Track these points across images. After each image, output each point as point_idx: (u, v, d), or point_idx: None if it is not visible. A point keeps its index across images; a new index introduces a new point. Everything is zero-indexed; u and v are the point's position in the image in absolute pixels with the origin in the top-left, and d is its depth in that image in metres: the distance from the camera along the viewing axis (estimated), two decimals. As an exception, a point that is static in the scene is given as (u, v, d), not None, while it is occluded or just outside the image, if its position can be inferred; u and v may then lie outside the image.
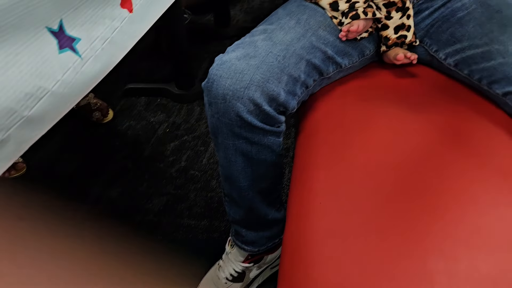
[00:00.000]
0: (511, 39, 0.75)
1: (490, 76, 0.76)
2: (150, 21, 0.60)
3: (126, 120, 1.63)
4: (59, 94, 0.41)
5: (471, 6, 0.84)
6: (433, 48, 0.87)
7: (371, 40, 0.88)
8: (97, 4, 0.51)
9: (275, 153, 0.83)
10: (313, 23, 0.82)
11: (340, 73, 0.87)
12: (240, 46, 0.76)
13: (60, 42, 0.44)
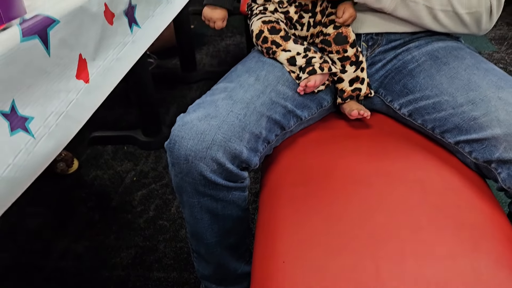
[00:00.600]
0: (459, 91, 0.79)
1: (442, 126, 0.80)
2: (107, 90, 0.61)
3: (93, 170, 1.60)
4: (10, 179, 0.41)
5: (420, 58, 0.88)
6: (388, 98, 0.91)
7: (328, 92, 0.91)
8: (51, 78, 0.52)
9: (241, 207, 0.83)
10: (272, 79, 0.84)
11: (301, 125, 0.89)
12: (201, 106, 0.77)
13: (11, 124, 0.44)
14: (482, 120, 0.74)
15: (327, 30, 0.89)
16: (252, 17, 0.92)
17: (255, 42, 0.89)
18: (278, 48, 0.86)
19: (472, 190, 0.75)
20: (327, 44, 0.88)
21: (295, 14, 0.88)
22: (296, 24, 0.90)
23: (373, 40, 0.92)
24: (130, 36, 0.72)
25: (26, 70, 0.47)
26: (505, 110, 0.72)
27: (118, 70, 0.66)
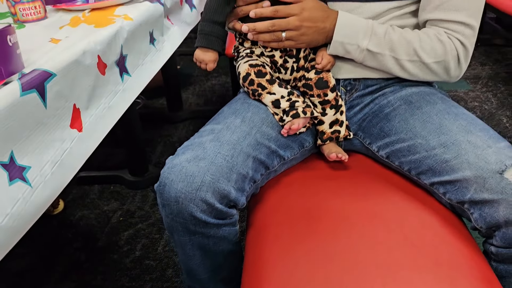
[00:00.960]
0: (431, 134, 0.84)
1: (417, 167, 0.84)
2: (99, 138, 0.64)
3: (79, 210, 1.61)
4: (8, 228, 0.43)
5: (396, 103, 0.93)
6: (367, 140, 0.95)
7: (309, 134, 0.95)
8: (47, 128, 0.55)
9: (232, 241, 0.86)
10: (257, 120, 0.88)
11: (284, 165, 0.93)
12: (190, 148, 0.81)
13: (10, 174, 0.46)
14: (454, 162, 0.78)
15: (309, 75, 0.94)
16: (239, 59, 0.96)
17: (242, 84, 0.94)
18: (263, 90, 0.91)
19: (449, 230, 0.78)
20: (309, 88, 0.93)
21: (280, 58, 0.93)
22: (281, 68, 0.95)
23: (351, 85, 0.98)
24: (121, 85, 0.75)
25: (24, 122, 0.50)
26: (474, 153, 0.77)
27: (109, 118, 0.69)
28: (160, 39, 0.95)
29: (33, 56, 0.61)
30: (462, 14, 0.88)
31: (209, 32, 0.89)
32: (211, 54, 0.91)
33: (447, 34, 0.89)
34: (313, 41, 0.91)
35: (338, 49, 0.91)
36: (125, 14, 0.84)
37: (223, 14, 0.90)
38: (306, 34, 0.89)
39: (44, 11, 0.85)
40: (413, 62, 0.90)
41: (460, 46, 0.89)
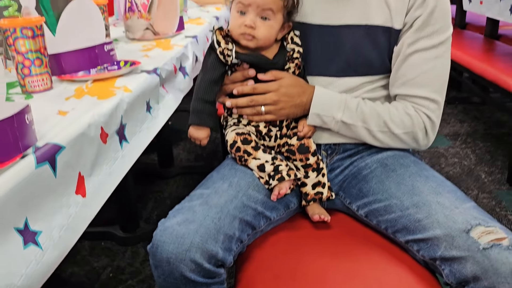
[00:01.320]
0: (405, 195, 0.91)
1: (393, 226, 0.91)
2: (101, 202, 0.70)
3: (69, 266, 1.63)
4: (24, 287, 0.49)
5: (373, 165, 1.01)
6: (347, 200, 1.02)
7: (294, 195, 1.02)
8: (55, 196, 0.61)
9: None
10: (243, 185, 0.95)
11: (271, 225, 0.99)
12: (180, 211, 0.87)
13: (24, 238, 0.52)
14: (425, 222, 0.85)
15: (291, 141, 1.02)
16: (227, 128, 1.05)
17: (229, 151, 1.01)
18: (249, 156, 0.98)
19: (423, 286, 0.84)
20: (291, 153, 1.01)
21: (264, 128, 1.02)
22: (265, 136, 1.03)
23: (332, 149, 1.06)
24: (120, 152, 0.82)
25: (37, 191, 0.57)
26: (443, 213, 0.84)
27: (110, 183, 0.76)
28: (155, 107, 1.04)
29: (44, 128, 0.68)
30: (426, 90, 0.98)
31: (201, 110, 0.98)
32: (203, 132, 1.00)
33: (414, 108, 0.99)
34: (291, 114, 1.01)
35: (315, 120, 1.00)
36: (124, 85, 0.92)
37: (212, 93, 0.99)
38: (284, 108, 0.99)
39: (50, 82, 0.93)
40: (384, 132, 0.99)
41: (426, 119, 0.99)
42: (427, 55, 0.98)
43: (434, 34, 0.97)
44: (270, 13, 0.96)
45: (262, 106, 0.99)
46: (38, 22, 0.89)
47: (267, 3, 0.95)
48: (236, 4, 0.98)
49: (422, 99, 0.99)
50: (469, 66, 2.53)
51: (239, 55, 0.99)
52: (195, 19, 1.82)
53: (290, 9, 1.00)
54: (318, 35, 1.03)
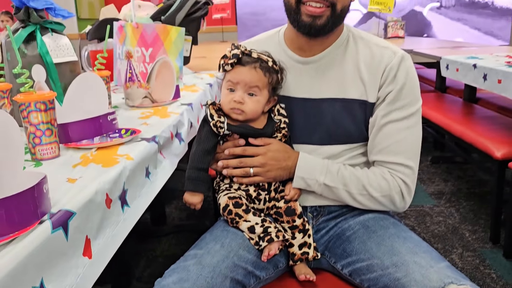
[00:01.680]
0: (385, 255, 0.99)
1: (375, 285, 0.97)
2: (105, 262, 0.77)
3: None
4: None
5: (355, 227, 1.09)
6: (332, 260, 1.09)
7: (282, 255, 1.09)
8: (67, 258, 0.68)
9: None
10: (234, 245, 1.02)
11: (260, 284, 1.05)
12: (176, 271, 0.94)
13: (40, 297, 0.59)
14: (404, 280, 0.92)
15: (279, 204, 1.10)
16: (220, 192, 1.13)
17: (222, 213, 1.09)
18: (240, 219, 1.06)
19: None
20: (279, 215, 1.09)
21: (254, 191, 1.11)
22: (255, 199, 1.11)
23: (317, 211, 1.14)
24: (122, 215, 0.90)
25: (51, 254, 0.63)
26: (420, 272, 0.91)
27: (113, 245, 0.82)
28: (154, 172, 1.12)
29: (56, 195, 0.75)
30: (401, 157, 1.08)
31: (195, 177, 1.08)
32: (197, 197, 1.09)
33: (390, 173, 1.09)
34: (277, 177, 1.10)
35: (300, 183, 1.09)
36: (127, 154, 1.01)
37: (206, 162, 1.09)
38: (271, 171, 1.08)
39: (58, 150, 1.02)
40: (363, 195, 1.08)
41: (402, 183, 1.08)
42: (399, 125, 1.09)
43: (404, 107, 1.09)
44: (256, 89, 1.08)
45: (251, 169, 1.08)
46: (50, 97, 0.99)
47: (254, 81, 1.07)
48: (226, 82, 1.10)
49: (397, 165, 1.09)
50: (449, 129, 2.67)
51: (231, 126, 1.09)
52: (190, 86, 1.94)
53: (275, 85, 1.11)
54: (301, 107, 1.15)
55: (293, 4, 1.09)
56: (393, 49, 1.13)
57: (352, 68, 1.12)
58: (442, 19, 7.01)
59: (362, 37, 1.17)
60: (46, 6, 1.28)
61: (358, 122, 1.12)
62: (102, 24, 2.26)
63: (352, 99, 1.11)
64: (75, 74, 1.39)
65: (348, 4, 1.10)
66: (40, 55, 1.28)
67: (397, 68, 1.09)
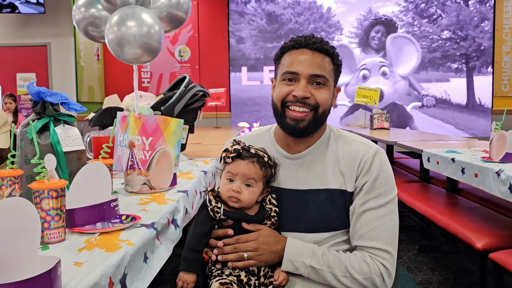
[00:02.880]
0: None
1: None
2: None
3: None
4: None
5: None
6: None
7: None
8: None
9: None
10: None
11: None
12: None
13: None
14: None
15: (268, 290, 1.17)
16: (212, 278, 1.20)
17: (214, 300, 1.15)
18: (232, 304, 1.12)
19: None
20: (269, 301, 1.15)
21: (245, 277, 1.18)
22: (245, 285, 1.18)
23: None
24: (122, 298, 0.96)
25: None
26: None
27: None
28: (151, 257, 1.19)
29: (66, 278, 0.82)
30: (379, 242, 1.18)
31: (191, 259, 1.16)
32: (191, 276, 1.16)
33: (370, 257, 1.18)
34: (269, 260, 1.18)
35: (288, 266, 1.17)
36: (128, 240, 1.09)
37: (201, 244, 1.18)
38: (263, 254, 1.17)
39: (64, 234, 1.09)
40: (346, 277, 1.16)
41: (381, 267, 1.17)
42: (376, 213, 1.20)
43: (380, 196, 1.21)
44: (253, 181, 1.19)
45: (245, 253, 1.16)
46: (62, 185, 1.08)
47: (251, 174, 1.19)
48: (226, 173, 1.21)
49: (376, 250, 1.18)
50: (434, 219, 2.77)
51: (226, 212, 1.19)
52: (186, 173, 2.04)
53: (269, 179, 1.23)
54: (290, 197, 1.26)
55: (279, 108, 1.25)
56: (368, 144, 1.28)
57: (333, 162, 1.26)
58: (423, 116, 7.42)
59: (342, 135, 1.32)
60: (61, 101, 1.41)
61: (339, 210, 1.24)
62: (105, 113, 2.41)
63: (333, 189, 1.24)
64: (82, 161, 1.49)
65: (328, 108, 1.26)
66: (52, 144, 1.40)
67: (371, 160, 1.23)
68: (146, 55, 1.85)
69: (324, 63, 1.25)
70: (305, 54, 1.25)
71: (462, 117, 7.42)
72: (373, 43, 7.54)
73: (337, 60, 1.29)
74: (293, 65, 1.25)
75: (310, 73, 1.23)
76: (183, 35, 7.45)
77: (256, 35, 7.55)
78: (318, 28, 7.52)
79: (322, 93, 1.24)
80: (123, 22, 1.76)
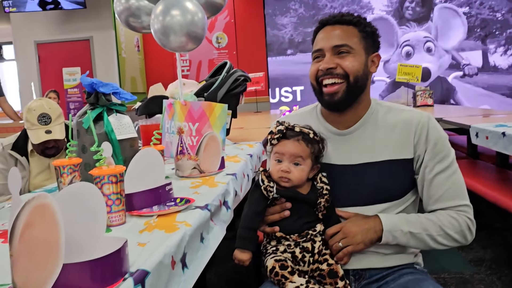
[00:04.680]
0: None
1: None
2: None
3: None
4: None
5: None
6: (375, 322, 1.15)
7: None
8: (142, 312, 0.78)
9: None
10: None
11: None
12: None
13: None
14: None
15: (322, 266, 1.19)
16: (266, 255, 1.23)
17: (269, 276, 1.18)
18: (286, 280, 1.15)
19: None
20: (322, 278, 1.17)
21: (299, 253, 1.20)
22: (300, 262, 1.20)
23: (359, 274, 1.22)
24: (183, 276, 1.00)
25: (133, 306, 0.74)
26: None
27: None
28: (207, 237, 1.23)
29: (131, 257, 0.87)
30: (457, 200, 1.22)
31: (246, 237, 1.19)
32: (247, 254, 1.19)
33: (456, 213, 1.20)
34: (366, 239, 1.24)
35: (388, 237, 1.21)
36: (185, 221, 1.13)
37: (256, 222, 1.21)
38: (356, 236, 1.23)
39: (125, 217, 1.15)
40: (441, 235, 1.20)
41: (467, 219, 1.22)
42: (445, 175, 1.22)
43: (444, 158, 1.24)
44: (300, 159, 1.21)
45: (339, 243, 1.21)
46: (121, 170, 1.14)
47: (298, 152, 1.20)
48: (274, 154, 1.23)
49: (458, 206, 1.20)
50: (484, 195, 2.70)
51: (279, 191, 1.21)
52: (233, 157, 2.08)
53: (317, 154, 1.24)
54: (342, 173, 1.27)
55: (315, 86, 1.28)
56: (419, 111, 1.29)
57: (385, 133, 1.27)
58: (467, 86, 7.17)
59: (389, 106, 1.33)
60: (113, 91, 1.47)
61: (398, 179, 1.26)
62: (151, 101, 2.48)
63: (389, 160, 1.25)
64: (134, 148, 1.55)
65: (361, 75, 1.25)
66: (106, 132, 1.46)
67: (427, 126, 1.24)
68: (191, 43, 1.88)
69: (347, 32, 1.28)
70: (327, 30, 1.31)
71: (505, 82, 7.13)
72: (407, 13, 7.29)
73: (366, 27, 1.31)
74: (317, 43, 1.32)
75: (331, 45, 1.27)
76: (220, 22, 7.48)
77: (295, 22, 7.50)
78: (351, 10, 7.38)
79: (348, 60, 1.26)
80: (168, 11, 1.79)
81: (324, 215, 1.24)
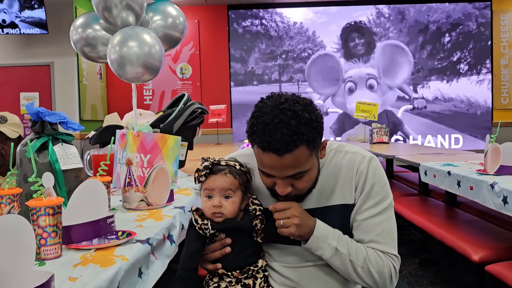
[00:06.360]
0: None
1: None
2: None
3: None
4: None
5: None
6: None
7: None
8: None
9: None
10: None
11: None
12: None
13: None
14: None
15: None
16: (208, 293, 1.22)
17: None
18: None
19: None
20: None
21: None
22: None
23: None
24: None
25: None
26: None
27: None
28: (146, 272, 1.21)
29: (59, 293, 0.85)
30: (386, 246, 1.26)
31: (184, 277, 1.19)
32: None
33: (384, 255, 1.22)
34: (303, 233, 1.21)
35: (313, 244, 1.22)
36: (122, 255, 1.11)
37: (194, 262, 1.21)
38: (301, 224, 1.21)
39: (60, 250, 1.12)
40: (363, 268, 1.21)
41: (392, 265, 1.22)
42: (376, 220, 1.24)
43: (377, 204, 1.25)
44: (231, 191, 1.22)
45: (281, 221, 1.20)
46: (58, 202, 1.12)
47: (227, 185, 1.22)
48: (204, 191, 1.25)
49: (385, 253, 1.22)
50: (432, 232, 2.78)
51: (214, 226, 1.22)
52: (184, 189, 2.07)
53: (246, 185, 1.26)
54: None
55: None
56: (362, 153, 1.30)
57: (331, 179, 1.28)
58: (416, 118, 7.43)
59: (336, 149, 1.34)
60: (60, 120, 1.45)
61: (343, 225, 1.27)
62: (105, 131, 2.46)
63: (333, 205, 1.27)
64: (80, 179, 1.53)
65: (316, 174, 1.27)
66: (50, 162, 1.43)
67: (366, 171, 1.26)
68: (147, 74, 1.89)
69: (298, 157, 1.15)
70: (273, 159, 1.15)
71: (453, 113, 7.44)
72: (354, 50, 7.53)
73: (310, 134, 1.14)
74: (265, 167, 1.20)
75: (284, 175, 1.19)
76: (184, 53, 7.54)
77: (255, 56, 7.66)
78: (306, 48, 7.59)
79: (304, 181, 1.22)
80: (126, 42, 1.81)
81: (263, 238, 1.26)
